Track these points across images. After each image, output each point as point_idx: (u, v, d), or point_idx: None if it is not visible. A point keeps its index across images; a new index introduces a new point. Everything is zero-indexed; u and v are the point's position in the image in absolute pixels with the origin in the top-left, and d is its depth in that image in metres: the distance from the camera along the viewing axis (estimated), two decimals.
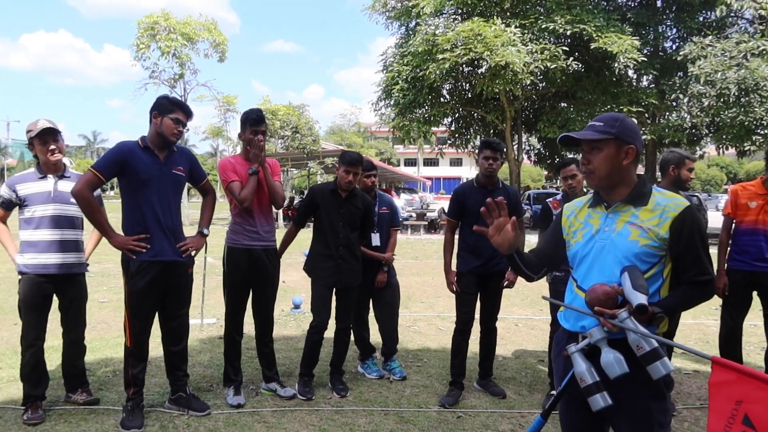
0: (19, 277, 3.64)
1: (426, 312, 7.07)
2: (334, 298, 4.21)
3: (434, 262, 11.79)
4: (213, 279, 7.17)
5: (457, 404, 3.99)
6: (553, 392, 3.91)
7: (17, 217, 3.72)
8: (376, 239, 4.49)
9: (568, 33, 17.94)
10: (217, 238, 4.98)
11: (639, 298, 1.82)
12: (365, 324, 4.63)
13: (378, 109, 22.31)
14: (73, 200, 3.67)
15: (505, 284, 4.19)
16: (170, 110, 3.50)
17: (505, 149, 4.60)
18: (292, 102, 27.84)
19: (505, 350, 5.32)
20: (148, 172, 3.47)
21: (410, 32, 21.31)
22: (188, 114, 3.61)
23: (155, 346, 3.83)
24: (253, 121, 3.91)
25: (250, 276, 3.95)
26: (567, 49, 18.01)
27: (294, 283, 4.35)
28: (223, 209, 33.95)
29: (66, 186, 3.69)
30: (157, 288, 3.53)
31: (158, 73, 26.62)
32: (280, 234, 4.17)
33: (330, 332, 4.26)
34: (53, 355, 3.99)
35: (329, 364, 4.27)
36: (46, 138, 3.63)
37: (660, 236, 1.94)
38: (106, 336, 5.71)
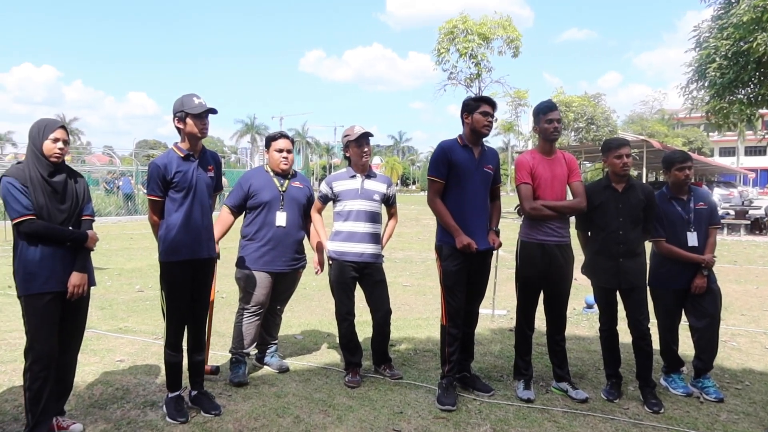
0: (329, 261, 4.25)
1: (748, 326, 6.02)
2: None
3: (759, 268, 9.96)
4: (503, 272, 7.31)
5: None
6: None
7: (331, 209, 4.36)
8: (692, 239, 3.97)
9: None
10: (508, 231, 5.03)
11: None
12: (675, 333, 4.13)
13: (688, 93, 19.76)
14: (375, 197, 4.18)
15: None
16: (477, 107, 3.80)
17: None
18: (587, 92, 26.61)
19: None
20: (466, 168, 3.79)
21: (732, 0, 18.30)
22: (492, 105, 3.85)
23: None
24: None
25: (543, 271, 3.89)
26: None
27: (586, 281, 4.15)
28: (513, 203, 34.36)
29: (370, 185, 4.22)
30: (466, 272, 3.81)
31: (456, 74, 28.14)
32: None
33: (625, 336, 3.96)
34: (366, 329, 4.56)
35: (635, 376, 3.96)
36: (361, 141, 4.18)
37: None
38: (408, 317, 6.29)
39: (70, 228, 3.10)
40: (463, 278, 3.82)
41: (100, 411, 3.58)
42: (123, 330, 5.56)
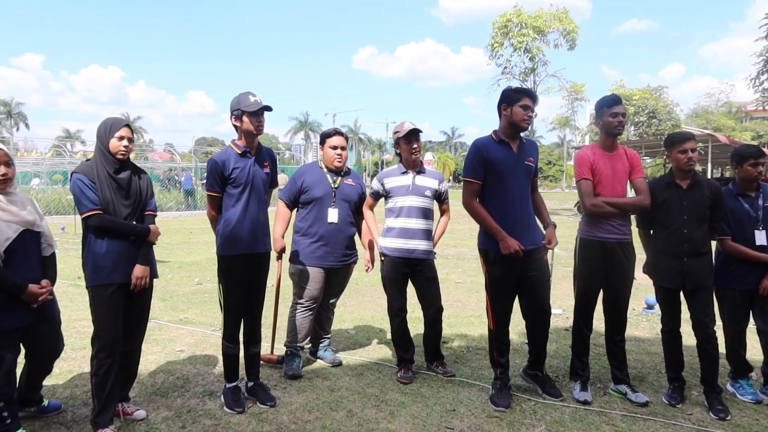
0: (381, 258, 4.25)
1: None
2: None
3: None
4: (559, 270, 7.16)
5: None
6: None
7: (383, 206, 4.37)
8: (761, 237, 3.76)
9: None
10: (563, 228, 4.91)
11: None
12: (742, 336, 3.92)
13: (759, 84, 18.78)
14: (427, 193, 4.15)
15: None
16: (517, 99, 3.63)
17: None
18: (650, 84, 25.65)
19: None
20: (505, 164, 3.64)
21: None
22: (534, 99, 3.69)
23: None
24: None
25: (603, 269, 3.77)
26: None
27: (647, 281, 4.01)
28: (568, 199, 33.53)
29: (422, 181, 4.20)
30: (515, 275, 3.67)
31: (510, 68, 27.70)
32: None
33: (689, 339, 3.80)
34: (418, 325, 4.55)
35: (700, 380, 3.80)
36: (410, 138, 4.16)
37: None
38: (461, 314, 6.24)
39: (134, 222, 3.22)
40: (511, 283, 3.69)
41: (161, 399, 3.72)
42: (183, 321, 5.75)
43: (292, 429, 3.32)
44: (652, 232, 3.91)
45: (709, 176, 23.36)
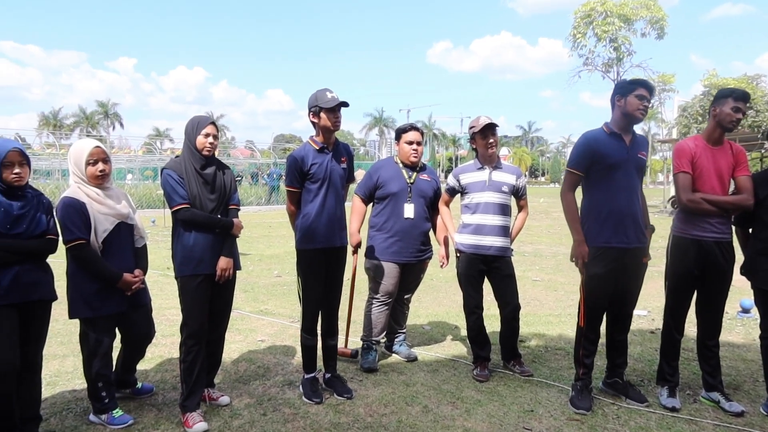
0: (457, 254, 4.20)
1: None
2: None
3: None
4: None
5: None
6: None
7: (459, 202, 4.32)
8: None
9: None
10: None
11: None
12: None
13: None
14: (504, 189, 4.07)
15: None
16: (632, 89, 3.47)
17: None
18: (745, 73, 23.90)
19: None
20: (618, 157, 3.48)
21: None
22: (650, 89, 3.50)
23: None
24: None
25: (698, 270, 3.55)
26: None
27: (741, 283, 3.74)
28: (653, 196, 31.96)
29: (499, 176, 4.11)
30: (614, 273, 3.53)
31: (592, 59, 26.71)
32: None
33: None
34: (494, 323, 4.47)
35: None
36: (486, 133, 4.08)
37: None
38: (538, 312, 6.08)
39: (219, 216, 3.35)
40: (610, 282, 3.53)
41: (244, 386, 3.87)
42: (263, 312, 5.95)
43: (368, 422, 3.36)
44: (751, 230, 3.64)
45: None
